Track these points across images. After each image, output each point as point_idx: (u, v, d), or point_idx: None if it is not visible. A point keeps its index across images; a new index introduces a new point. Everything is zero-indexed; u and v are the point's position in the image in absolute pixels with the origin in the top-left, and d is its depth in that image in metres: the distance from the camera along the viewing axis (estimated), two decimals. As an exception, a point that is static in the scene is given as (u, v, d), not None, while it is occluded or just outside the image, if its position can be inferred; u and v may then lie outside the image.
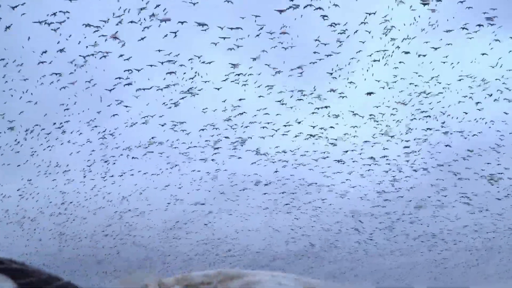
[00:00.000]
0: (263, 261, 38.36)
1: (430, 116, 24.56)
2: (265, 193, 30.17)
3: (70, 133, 24.88)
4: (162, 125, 24.17)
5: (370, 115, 24.15)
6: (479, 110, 23.85)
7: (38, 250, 34.72)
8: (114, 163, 27.02)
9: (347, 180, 28.80)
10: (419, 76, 22.70)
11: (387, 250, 37.13)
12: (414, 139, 25.86)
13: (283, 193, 30.01)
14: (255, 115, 24.36)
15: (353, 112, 23.89)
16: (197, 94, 21.80)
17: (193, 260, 37.84)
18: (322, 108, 23.56)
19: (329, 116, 25.05)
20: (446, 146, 25.35)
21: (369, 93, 22.75)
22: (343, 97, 22.88)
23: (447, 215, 31.85)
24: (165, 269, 39.02)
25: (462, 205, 30.09)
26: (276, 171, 28.04)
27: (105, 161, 26.33)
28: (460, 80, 22.72)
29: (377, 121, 24.49)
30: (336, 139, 25.61)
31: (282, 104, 23.26)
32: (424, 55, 21.82)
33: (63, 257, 36.25)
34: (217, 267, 38.98)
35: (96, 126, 24.32)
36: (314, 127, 24.72)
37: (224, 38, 19.35)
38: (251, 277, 12.41)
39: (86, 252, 36.11)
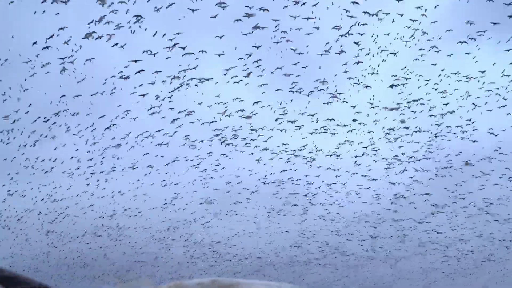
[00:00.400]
0: (259, 266, 37.62)
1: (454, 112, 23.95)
2: (275, 193, 29.31)
3: (58, 126, 24.03)
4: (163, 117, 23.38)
5: (393, 108, 23.44)
6: (503, 106, 23.34)
7: (24, 253, 33.76)
8: (102, 161, 26.14)
9: (360, 181, 28.18)
10: (442, 70, 22.16)
11: (384, 256, 36.55)
12: (435, 136, 25.30)
13: (294, 193, 29.23)
14: (262, 108, 23.58)
15: (372, 104, 23.16)
16: (206, 80, 21.08)
17: (185, 264, 37.00)
18: (339, 100, 22.77)
19: (328, 121, 24.41)
20: (474, 142, 24.71)
21: (393, 85, 22.05)
22: (366, 86, 22.18)
23: (456, 221, 31.33)
24: (155, 273, 38.22)
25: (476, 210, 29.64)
26: (283, 170, 27.28)
27: (99, 154, 25.45)
28: (483, 75, 22.21)
29: (401, 112, 23.79)
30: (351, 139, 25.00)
31: (296, 92, 22.43)
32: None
33: (50, 260, 35.30)
34: (210, 272, 38.21)
35: (92, 115, 23.50)
36: (330, 119, 24.00)
37: (237, 21, 18.56)
38: (246, 287, 11.80)
39: (74, 254, 35.16)
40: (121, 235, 32.74)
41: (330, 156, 25.93)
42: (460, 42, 20.41)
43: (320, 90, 21.97)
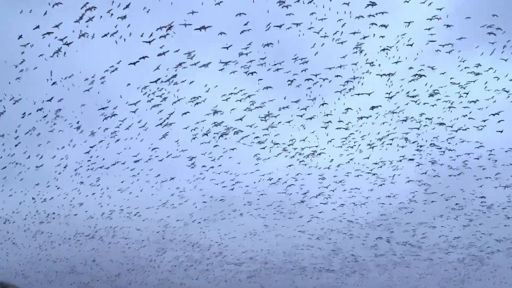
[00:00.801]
0: (253, 272, 36.83)
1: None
2: (281, 192, 28.56)
3: (47, 125, 23.34)
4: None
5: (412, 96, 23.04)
6: None
7: (11, 258, 32.78)
8: (92, 159, 25.33)
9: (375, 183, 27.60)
10: (462, 61, 21.87)
11: (381, 263, 36.01)
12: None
13: (305, 193, 28.42)
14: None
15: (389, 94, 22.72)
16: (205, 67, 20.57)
17: (177, 269, 36.11)
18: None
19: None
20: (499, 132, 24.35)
21: (419, 75, 21.77)
22: (389, 74, 21.78)
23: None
24: (145, 279, 37.34)
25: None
26: (290, 165, 26.57)
27: (91, 148, 24.63)
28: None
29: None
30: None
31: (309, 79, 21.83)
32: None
33: (39, 265, 34.30)
34: (201, 277, 37.40)
35: (84, 114, 22.82)
36: (347, 109, 23.49)
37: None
38: None
39: (63, 259, 34.17)
40: (114, 236, 31.79)
41: (341, 146, 25.34)
42: (488, 33, 20.05)
43: (337, 76, 21.47)
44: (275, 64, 20.75)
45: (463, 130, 24.44)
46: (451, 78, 22.40)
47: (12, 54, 21.24)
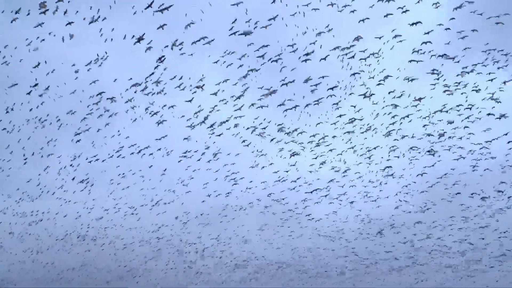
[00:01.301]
0: (248, 276, 36.26)
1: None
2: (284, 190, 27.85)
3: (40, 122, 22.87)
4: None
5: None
6: None
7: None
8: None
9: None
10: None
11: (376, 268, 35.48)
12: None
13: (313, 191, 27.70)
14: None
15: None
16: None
17: (170, 273, 35.45)
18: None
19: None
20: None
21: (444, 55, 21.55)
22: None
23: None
24: (134, 287, 36.72)
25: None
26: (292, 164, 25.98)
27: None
28: None
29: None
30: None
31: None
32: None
33: (28, 273, 33.59)
34: (192, 283, 36.83)
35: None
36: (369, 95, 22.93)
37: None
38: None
39: (51, 266, 33.49)
40: (105, 237, 31.02)
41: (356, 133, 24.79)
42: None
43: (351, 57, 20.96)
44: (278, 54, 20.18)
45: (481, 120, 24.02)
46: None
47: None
